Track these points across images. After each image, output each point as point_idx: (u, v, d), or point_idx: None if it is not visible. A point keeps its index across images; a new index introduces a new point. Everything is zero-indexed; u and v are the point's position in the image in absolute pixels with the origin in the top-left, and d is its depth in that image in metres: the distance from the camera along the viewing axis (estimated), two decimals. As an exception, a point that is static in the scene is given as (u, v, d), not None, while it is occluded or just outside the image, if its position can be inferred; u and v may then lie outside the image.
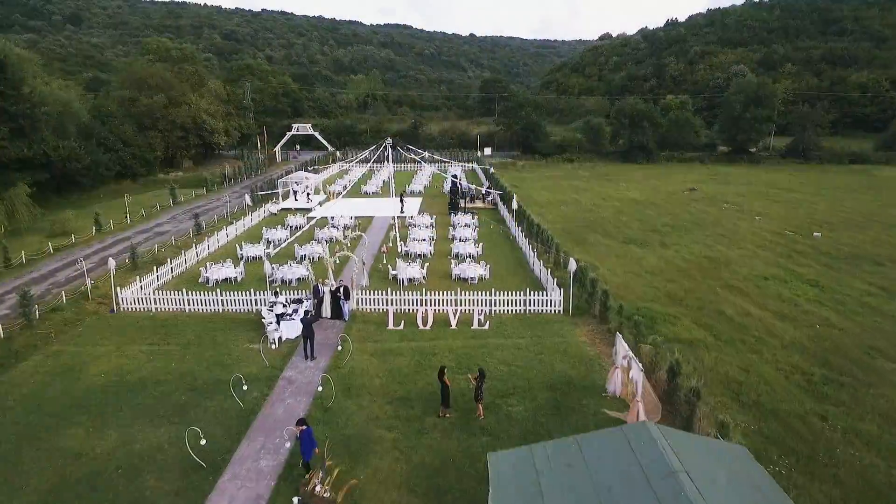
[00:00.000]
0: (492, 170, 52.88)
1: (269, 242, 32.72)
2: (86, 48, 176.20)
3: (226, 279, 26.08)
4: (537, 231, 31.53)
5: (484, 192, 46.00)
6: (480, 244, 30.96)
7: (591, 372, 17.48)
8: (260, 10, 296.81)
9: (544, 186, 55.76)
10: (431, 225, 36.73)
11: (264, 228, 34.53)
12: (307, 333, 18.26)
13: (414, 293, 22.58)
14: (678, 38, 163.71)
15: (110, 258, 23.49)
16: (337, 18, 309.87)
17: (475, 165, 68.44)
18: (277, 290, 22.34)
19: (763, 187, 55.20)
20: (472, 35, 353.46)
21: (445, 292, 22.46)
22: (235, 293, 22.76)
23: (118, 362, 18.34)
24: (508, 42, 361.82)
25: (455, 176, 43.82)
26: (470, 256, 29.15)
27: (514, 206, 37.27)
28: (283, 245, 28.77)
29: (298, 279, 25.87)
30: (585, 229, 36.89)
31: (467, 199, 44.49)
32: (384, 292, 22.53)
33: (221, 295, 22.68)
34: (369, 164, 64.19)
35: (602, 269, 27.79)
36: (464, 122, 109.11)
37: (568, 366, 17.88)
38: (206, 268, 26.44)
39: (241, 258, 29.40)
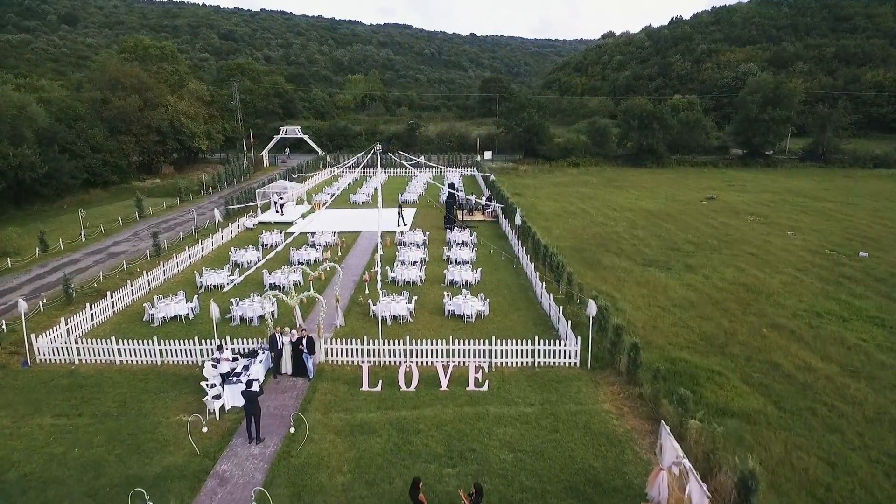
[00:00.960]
0: (492, 177, 48.67)
1: (236, 266, 28.57)
2: (80, 48, 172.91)
3: (175, 317, 21.86)
4: (545, 254, 27.28)
5: (484, 203, 41.76)
6: (479, 269, 26.72)
7: (623, 462, 13.26)
8: (259, 9, 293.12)
9: (549, 194, 51.51)
10: (424, 243, 32.56)
11: (232, 249, 30.25)
12: (251, 410, 14.04)
13: (396, 341, 18.35)
14: (683, 37, 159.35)
15: (20, 299, 19.22)
16: (336, 18, 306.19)
17: (475, 171, 64.20)
18: (223, 342, 17.97)
19: (787, 195, 50.93)
20: (472, 34, 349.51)
21: (435, 340, 18.24)
22: (179, 341, 18.53)
23: (7, 447, 14.10)
24: (509, 41, 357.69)
25: (452, 185, 39.59)
26: (466, 285, 24.95)
27: (518, 221, 33.02)
28: (249, 272, 24.55)
29: (261, 318, 21.64)
30: (598, 248, 32.64)
31: (465, 210, 40.26)
32: (359, 340, 18.30)
33: (161, 342, 18.46)
34: (359, 170, 59.98)
35: (621, 301, 23.62)
36: (463, 124, 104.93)
37: (592, 452, 13.64)
38: (151, 303, 22.24)
39: (199, 288, 25.21)
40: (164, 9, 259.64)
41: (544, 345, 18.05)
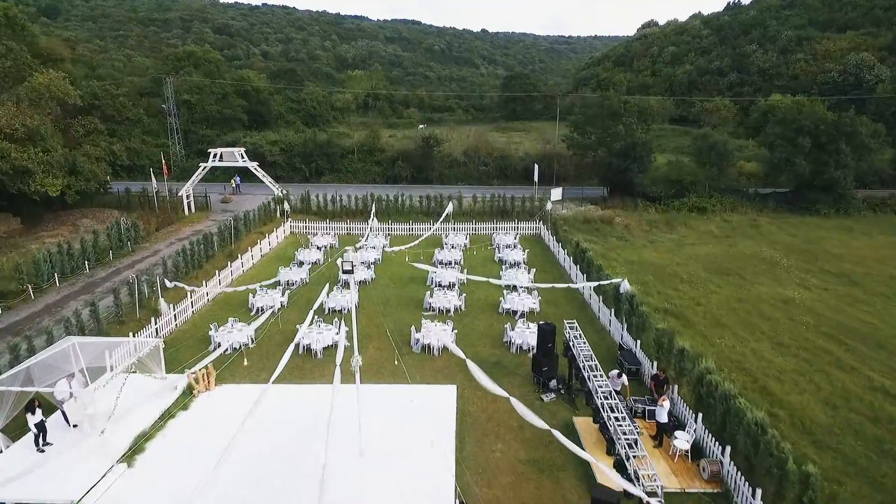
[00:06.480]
0: (625, 285, 20.60)
1: None
2: (54, 43, 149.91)
3: None
4: None
5: (647, 409, 14.05)
6: None
7: None
8: (260, 3, 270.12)
9: (730, 303, 23.71)
10: None
11: None
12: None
13: None
14: (753, 23, 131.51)
15: None
16: (342, 14, 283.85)
17: (540, 228, 36.50)
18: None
19: None
20: (484, 31, 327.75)
21: None
22: None
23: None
24: (522, 38, 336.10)
25: (546, 338, 11.87)
26: None
27: None
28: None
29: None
30: None
31: (616, 458, 12.53)
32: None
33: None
34: (332, 237, 32.38)
35: None
36: (495, 133, 77.16)
37: None
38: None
39: None
40: (156, 2, 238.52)
41: None
